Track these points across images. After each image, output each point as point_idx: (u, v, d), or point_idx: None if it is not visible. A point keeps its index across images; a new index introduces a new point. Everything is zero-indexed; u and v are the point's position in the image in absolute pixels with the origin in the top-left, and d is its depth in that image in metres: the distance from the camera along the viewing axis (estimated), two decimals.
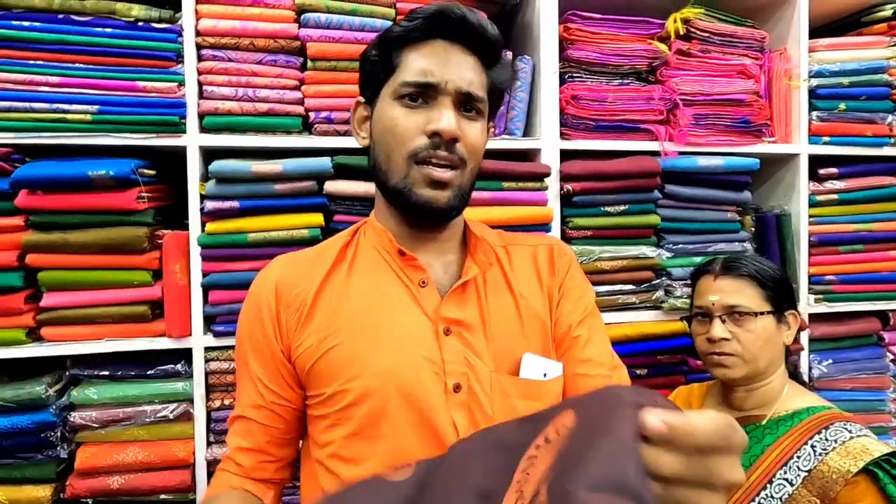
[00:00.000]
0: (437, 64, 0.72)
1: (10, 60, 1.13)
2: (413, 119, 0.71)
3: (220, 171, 1.19)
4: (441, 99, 0.71)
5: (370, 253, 0.79)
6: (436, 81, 0.71)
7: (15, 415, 1.12)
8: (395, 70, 0.73)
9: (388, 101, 0.74)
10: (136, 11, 1.17)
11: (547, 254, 0.84)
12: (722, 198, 1.46)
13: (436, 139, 0.70)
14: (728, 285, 1.08)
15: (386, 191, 0.76)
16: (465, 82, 0.72)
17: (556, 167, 1.36)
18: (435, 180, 0.71)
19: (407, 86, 0.72)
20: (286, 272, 0.78)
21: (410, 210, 0.74)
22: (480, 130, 0.75)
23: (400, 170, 0.72)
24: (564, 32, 1.38)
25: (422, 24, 0.72)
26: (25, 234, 1.14)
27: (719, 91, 1.46)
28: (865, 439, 0.95)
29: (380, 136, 0.74)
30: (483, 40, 0.74)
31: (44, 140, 1.15)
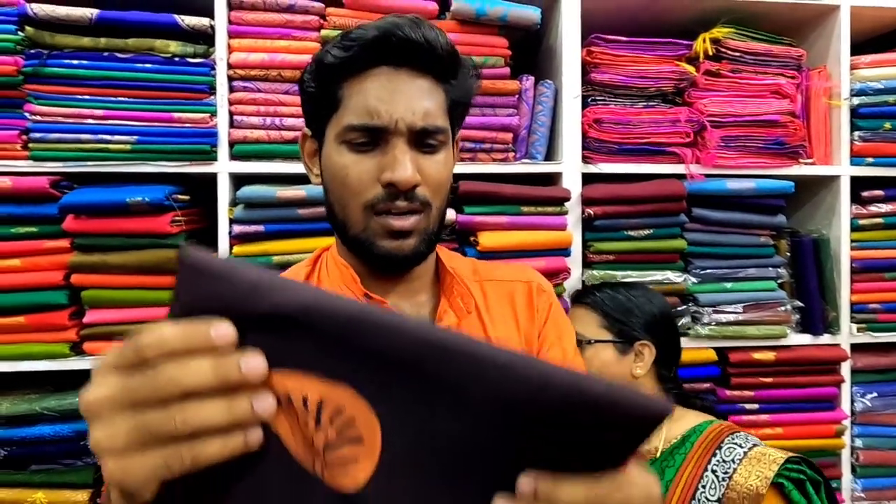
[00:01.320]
0: (383, 100, 0.63)
1: (60, 95, 1.23)
2: (364, 167, 0.64)
3: (248, 196, 1.25)
4: (394, 141, 0.63)
5: (333, 290, 0.73)
6: (384, 124, 0.63)
7: (58, 423, 1.20)
8: (338, 107, 0.65)
9: (334, 144, 0.66)
10: (173, 48, 1.25)
11: (525, 294, 0.78)
12: (754, 221, 1.41)
13: (392, 189, 0.63)
14: (573, 312, 1.16)
15: (346, 239, 0.69)
16: (418, 117, 0.63)
17: (577, 191, 1.36)
18: (396, 231, 0.64)
19: (352, 130, 0.64)
20: None
21: (373, 261, 0.68)
22: (442, 162, 0.67)
23: (358, 220, 0.65)
24: (588, 56, 1.38)
25: (360, 54, 0.63)
26: (71, 256, 1.23)
27: (751, 112, 1.42)
28: (756, 449, 0.96)
29: (331, 182, 0.67)
30: (436, 59, 0.65)
31: (88, 168, 1.24)
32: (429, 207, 0.66)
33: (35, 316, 1.22)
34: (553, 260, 1.30)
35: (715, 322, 1.39)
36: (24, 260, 1.22)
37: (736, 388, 1.41)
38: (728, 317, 1.40)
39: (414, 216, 0.65)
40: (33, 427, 1.19)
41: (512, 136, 1.36)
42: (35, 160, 1.23)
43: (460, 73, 0.68)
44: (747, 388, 1.41)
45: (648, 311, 1.11)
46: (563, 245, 1.32)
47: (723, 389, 1.41)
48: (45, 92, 1.23)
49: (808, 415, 1.42)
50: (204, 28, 1.26)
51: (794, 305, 1.44)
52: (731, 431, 1.02)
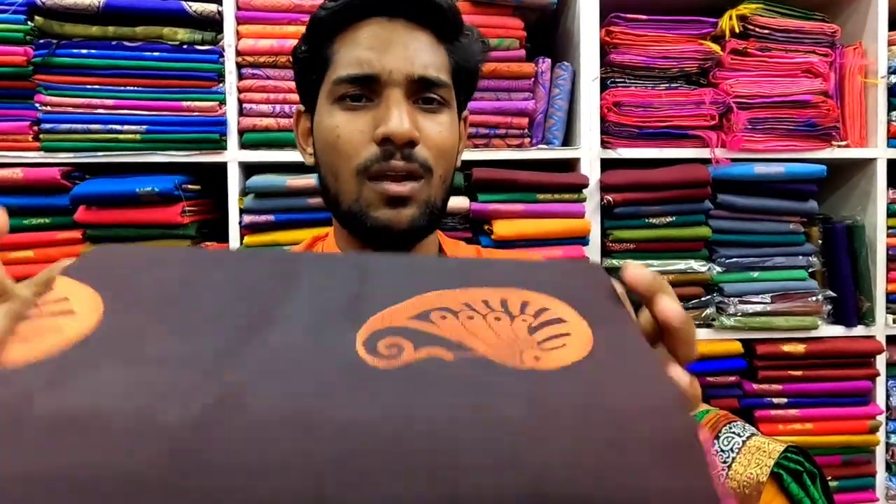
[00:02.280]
0: (376, 48, 0.57)
1: (70, 85, 1.22)
2: (357, 124, 0.58)
3: (257, 185, 1.23)
4: (388, 92, 0.57)
5: None
6: (376, 71, 0.57)
7: None
8: (329, 65, 0.60)
9: (325, 106, 0.60)
10: (181, 35, 1.23)
11: None
12: (783, 208, 1.35)
13: (388, 146, 0.56)
14: None
15: (339, 215, 0.62)
16: (415, 66, 0.57)
17: (595, 177, 1.31)
18: (392, 197, 0.57)
19: (342, 83, 0.58)
20: None
21: (368, 236, 0.60)
22: (446, 125, 0.60)
23: (350, 189, 0.58)
24: (606, 36, 1.32)
25: (351, 3, 0.58)
26: (83, 247, 1.22)
27: (780, 92, 1.35)
28: (755, 438, 0.94)
29: (322, 150, 0.61)
30: (434, 10, 0.59)
31: (99, 159, 1.23)
32: (430, 173, 0.59)
33: None
34: (570, 249, 1.26)
35: (741, 313, 1.33)
36: (38, 251, 1.22)
37: (763, 381, 1.35)
38: (755, 307, 1.34)
39: (412, 181, 0.58)
40: None
41: (528, 120, 1.31)
42: (46, 151, 1.22)
43: (464, 36, 0.63)
44: (775, 381, 1.35)
45: None
46: (581, 233, 1.28)
47: (749, 383, 1.36)
48: (55, 82, 1.22)
49: (841, 410, 1.36)
50: (212, 14, 1.24)
51: (826, 295, 1.38)
52: (728, 420, 1.00)
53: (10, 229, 1.19)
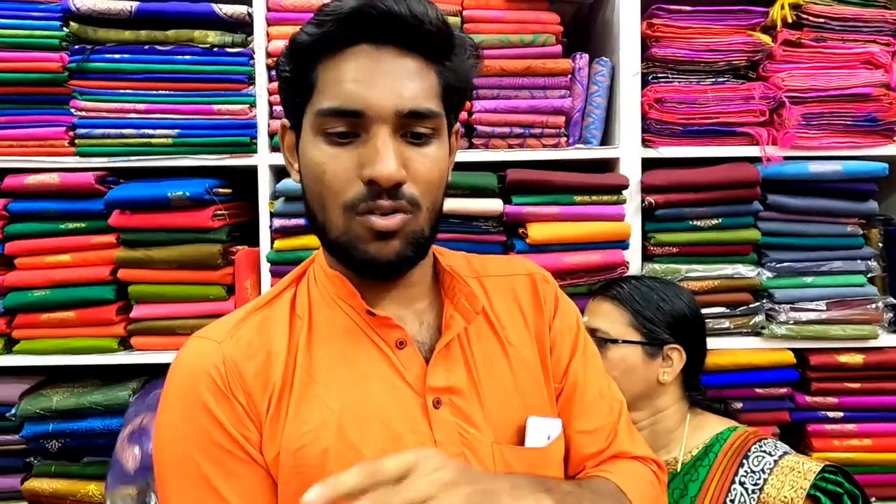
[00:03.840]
0: (361, 81, 0.54)
1: (104, 90, 1.23)
2: (342, 161, 0.55)
3: (287, 189, 1.21)
4: (375, 129, 0.55)
5: (327, 307, 0.63)
6: (361, 108, 0.54)
7: (107, 417, 1.21)
8: (313, 91, 0.57)
9: (310, 135, 0.57)
10: (211, 38, 1.22)
11: (528, 286, 0.70)
12: (840, 209, 1.26)
13: (374, 187, 0.55)
14: (598, 306, 1.03)
15: (327, 243, 0.61)
16: (403, 100, 0.55)
17: (636, 178, 1.25)
18: (379, 231, 0.56)
19: (325, 116, 0.55)
20: (231, 347, 0.59)
21: (354, 266, 0.60)
22: (434, 157, 0.58)
23: (338, 223, 0.57)
24: (648, 29, 1.26)
25: (335, 30, 0.55)
26: (117, 251, 1.23)
27: (837, 85, 1.26)
28: (788, 458, 0.88)
29: (308, 181, 0.59)
30: (423, 34, 0.55)
31: (132, 163, 1.24)
32: (418, 208, 0.57)
33: (84, 311, 1.23)
34: (610, 253, 1.21)
35: (793, 321, 1.26)
36: (74, 255, 1.24)
37: (817, 393, 1.27)
38: (809, 315, 1.26)
39: (400, 215, 0.56)
40: (84, 421, 1.20)
41: (564, 119, 1.26)
42: (81, 156, 1.23)
43: (456, 53, 0.59)
44: (830, 393, 1.27)
45: (679, 311, 0.99)
46: (621, 237, 1.22)
47: (802, 395, 1.28)
48: (90, 87, 1.23)
49: None
50: (242, 16, 1.23)
51: (887, 303, 1.28)
52: (758, 438, 0.93)
53: (47, 233, 1.22)
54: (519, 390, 0.64)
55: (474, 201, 1.19)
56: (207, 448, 0.56)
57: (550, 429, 0.64)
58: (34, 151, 1.23)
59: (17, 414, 1.20)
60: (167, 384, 0.60)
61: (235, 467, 0.57)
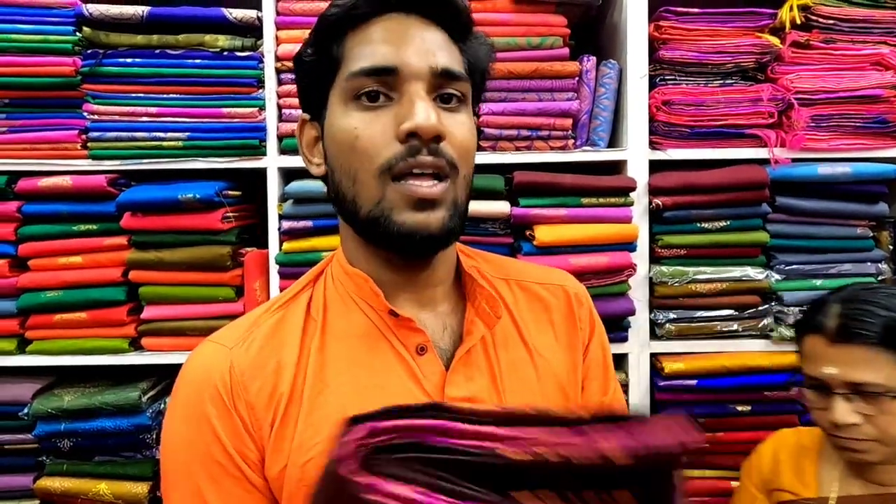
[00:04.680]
0: (393, 42, 0.54)
1: (116, 94, 1.24)
2: (378, 123, 0.54)
3: (296, 191, 1.22)
4: (409, 87, 0.53)
5: (345, 308, 0.60)
6: (396, 64, 0.53)
7: (117, 417, 1.22)
8: (341, 63, 0.56)
9: (339, 107, 0.56)
10: (221, 42, 1.23)
11: (563, 301, 0.67)
12: (850, 211, 1.26)
13: (413, 142, 0.52)
14: (848, 355, 0.83)
15: (357, 224, 0.57)
16: (437, 58, 0.55)
17: (644, 180, 1.25)
18: (421, 199, 0.53)
19: (358, 76, 0.54)
20: (240, 355, 0.57)
21: (394, 243, 0.55)
22: (467, 123, 0.57)
23: (372, 193, 0.54)
24: (655, 31, 1.26)
25: (363, 1, 0.55)
26: (129, 253, 1.24)
27: (847, 87, 1.25)
28: None
29: (337, 155, 0.56)
30: (449, 7, 0.57)
31: (143, 166, 1.25)
32: (455, 172, 0.55)
33: (96, 312, 1.25)
34: (617, 255, 1.21)
35: None
36: (86, 257, 1.25)
37: None
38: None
39: (442, 182, 0.54)
40: (95, 420, 1.21)
41: (571, 121, 1.26)
42: (94, 159, 1.25)
43: (474, 36, 0.60)
44: None
45: None
46: (629, 239, 1.22)
47: None
48: (102, 91, 1.24)
49: None
50: (251, 20, 1.24)
51: None
52: None
53: (60, 235, 1.24)
54: (545, 401, 0.61)
55: (481, 203, 1.20)
56: (204, 461, 0.55)
57: None
58: (47, 154, 1.25)
59: (30, 413, 1.21)
60: (176, 388, 0.60)
61: (228, 484, 0.55)
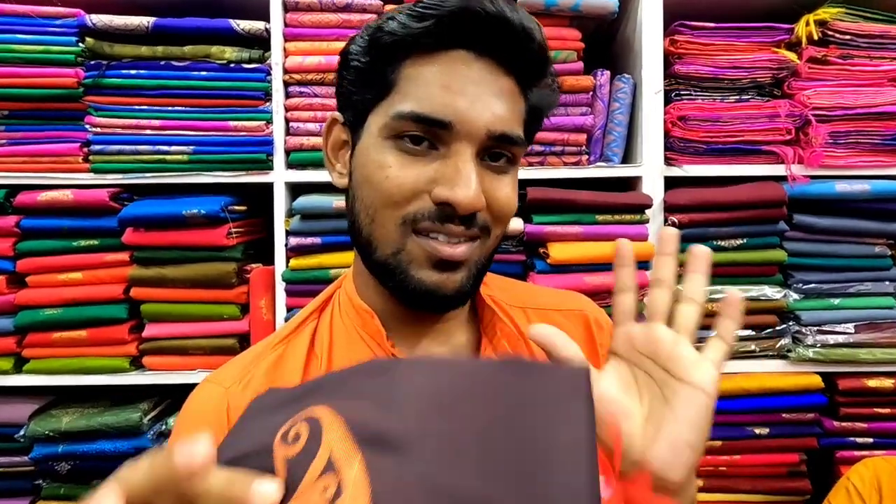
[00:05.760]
0: (455, 91, 0.48)
1: (119, 106, 1.21)
2: (412, 172, 0.49)
3: (304, 207, 1.19)
4: (458, 147, 0.49)
5: (350, 343, 0.56)
6: (451, 119, 0.48)
7: (117, 439, 1.18)
8: (391, 91, 0.50)
9: (375, 137, 0.50)
10: (228, 54, 1.20)
11: (582, 328, 0.63)
12: (868, 229, 1.23)
13: (447, 209, 0.48)
14: None
15: (369, 263, 0.53)
16: (497, 119, 0.49)
17: (659, 197, 1.22)
18: (443, 259, 0.49)
19: (405, 119, 0.48)
20: (237, 394, 0.54)
21: (403, 296, 0.52)
22: (512, 186, 0.53)
23: (391, 239, 0.50)
24: (671, 46, 1.24)
25: (436, 28, 0.48)
26: (130, 269, 1.21)
27: (865, 103, 1.23)
28: None
29: (362, 186, 0.51)
30: (528, 51, 0.50)
31: (146, 180, 1.22)
32: (487, 235, 0.52)
33: (96, 330, 1.21)
34: None
35: (821, 344, 1.22)
36: (86, 273, 1.21)
37: (846, 419, 1.23)
38: (837, 338, 1.23)
39: (469, 243, 0.50)
40: (94, 442, 1.18)
41: (585, 137, 1.24)
42: (96, 172, 1.21)
43: (545, 82, 0.55)
44: (859, 419, 1.23)
45: None
46: (645, 257, 1.19)
47: (830, 420, 1.24)
48: (105, 103, 1.21)
49: None
50: (259, 32, 1.21)
51: None
52: None
53: (59, 251, 1.20)
54: None
55: None
56: None
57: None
58: (48, 168, 1.21)
59: (27, 435, 1.17)
60: (174, 426, 0.58)
61: None
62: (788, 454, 1.23)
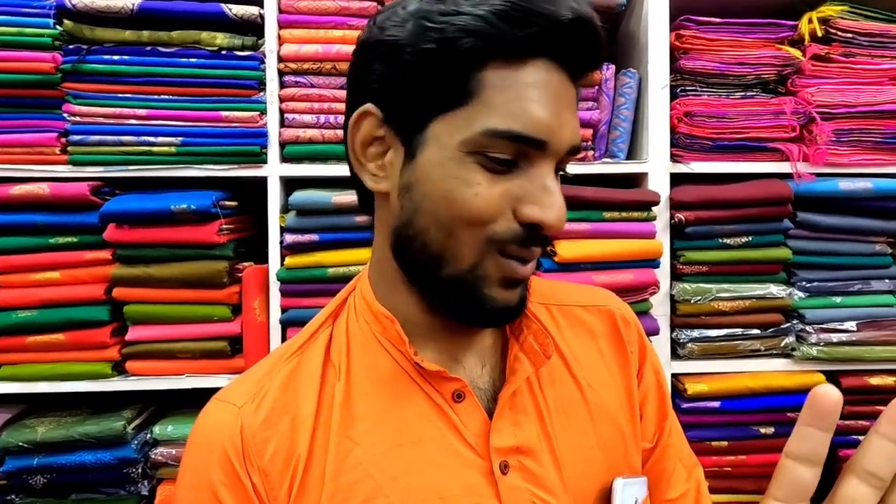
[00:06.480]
0: (550, 108, 0.45)
1: (101, 94, 1.14)
2: (499, 188, 0.46)
3: (300, 202, 1.13)
4: (542, 163, 0.46)
5: (369, 350, 0.52)
6: (549, 140, 0.45)
7: (99, 450, 1.11)
8: (469, 99, 0.45)
9: (452, 149, 0.45)
10: (219, 40, 1.14)
11: (609, 325, 0.60)
12: (870, 227, 1.23)
13: (534, 230, 0.46)
14: None
15: (435, 279, 0.49)
16: (575, 134, 0.48)
17: (665, 193, 1.20)
18: (514, 279, 0.48)
19: (500, 138, 0.44)
20: (250, 413, 0.50)
21: (468, 313, 0.50)
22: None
23: (470, 257, 0.47)
24: (676, 41, 1.22)
25: (524, 33, 0.43)
26: (113, 268, 1.13)
27: (867, 101, 1.23)
28: None
29: (435, 200, 0.47)
30: (595, 61, 0.49)
31: (131, 173, 1.14)
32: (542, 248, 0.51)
33: (75, 333, 1.13)
34: (641, 272, 1.15)
35: (824, 342, 1.22)
36: (64, 272, 1.13)
37: (849, 417, 1.23)
38: (840, 336, 1.22)
39: (532, 263, 0.49)
40: (73, 454, 1.10)
41: (591, 132, 1.21)
42: (74, 164, 1.13)
43: None
44: (862, 417, 1.23)
45: None
46: (653, 255, 1.17)
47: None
48: (85, 90, 1.13)
49: None
50: (253, 17, 1.15)
51: None
52: None
53: (35, 248, 1.12)
54: (602, 445, 0.55)
55: None
56: None
57: (638, 491, 0.54)
58: (22, 159, 1.13)
59: None
60: (184, 454, 0.52)
61: None
62: None
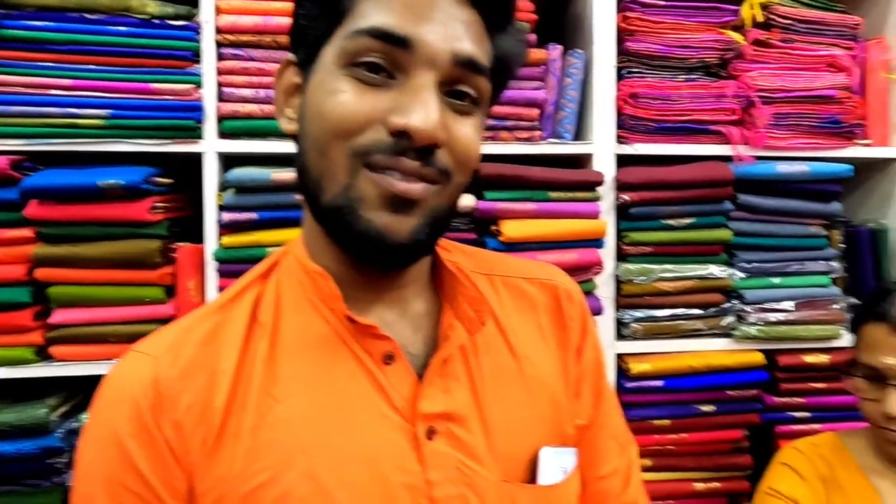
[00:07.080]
0: (416, 9, 0.44)
1: (20, 62, 1.07)
2: (366, 101, 0.44)
3: (238, 179, 1.09)
4: (417, 73, 0.44)
5: (300, 311, 0.51)
6: (412, 35, 0.44)
7: (20, 440, 1.04)
8: (344, 17, 0.46)
9: (331, 67, 0.45)
10: (151, 8, 1.08)
11: (550, 298, 0.59)
12: (807, 209, 1.27)
13: (403, 140, 0.44)
14: (871, 332, 0.88)
15: (318, 210, 0.48)
16: (462, 44, 0.45)
17: (611, 174, 1.21)
18: (396, 196, 0.44)
19: (362, 36, 0.44)
20: (167, 365, 0.48)
21: (352, 243, 0.47)
22: (476, 130, 0.49)
23: (340, 176, 0.45)
24: (623, 22, 1.22)
25: None
26: (35, 247, 1.07)
27: (804, 86, 1.27)
28: None
29: (313, 120, 0.46)
30: None
31: (55, 147, 1.08)
32: (447, 180, 0.47)
33: None
34: (586, 252, 1.16)
35: (763, 322, 1.25)
36: None
37: (785, 394, 1.27)
38: (777, 315, 1.25)
39: (424, 183, 0.45)
40: None
41: (538, 112, 1.20)
42: None
43: (511, 29, 0.51)
44: (798, 394, 1.27)
45: None
46: (597, 235, 1.17)
47: (770, 396, 1.27)
48: (4, 58, 1.06)
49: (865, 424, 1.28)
50: None
51: (849, 303, 1.30)
52: None
53: None
54: (535, 416, 0.54)
55: None
56: (115, 492, 0.46)
57: (566, 461, 0.54)
58: None
59: None
60: (92, 408, 0.50)
61: None
62: (733, 430, 1.25)
